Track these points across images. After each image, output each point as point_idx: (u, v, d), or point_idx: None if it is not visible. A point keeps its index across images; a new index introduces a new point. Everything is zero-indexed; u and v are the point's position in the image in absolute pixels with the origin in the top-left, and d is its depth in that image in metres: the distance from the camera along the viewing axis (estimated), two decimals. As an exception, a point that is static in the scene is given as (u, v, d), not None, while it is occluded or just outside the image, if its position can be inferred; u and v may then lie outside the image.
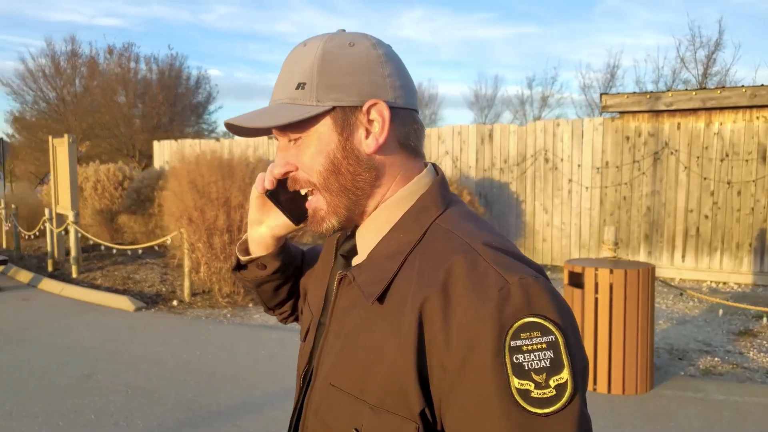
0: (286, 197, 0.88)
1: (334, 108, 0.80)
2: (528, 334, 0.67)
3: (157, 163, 14.70)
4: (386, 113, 0.79)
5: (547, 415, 0.65)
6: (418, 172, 0.85)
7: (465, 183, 9.22)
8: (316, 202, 0.84)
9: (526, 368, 0.66)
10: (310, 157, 0.82)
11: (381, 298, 0.77)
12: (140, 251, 9.35)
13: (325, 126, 0.80)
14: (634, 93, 8.18)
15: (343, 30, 0.86)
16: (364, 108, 0.80)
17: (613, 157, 8.39)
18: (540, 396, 0.66)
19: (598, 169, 8.49)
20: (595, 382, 4.22)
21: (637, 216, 8.27)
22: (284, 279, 1.07)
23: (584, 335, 4.23)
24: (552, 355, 0.66)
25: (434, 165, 0.89)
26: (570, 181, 8.75)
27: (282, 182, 0.88)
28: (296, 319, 1.17)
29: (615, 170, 8.38)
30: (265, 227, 0.98)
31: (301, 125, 0.81)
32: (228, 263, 6.85)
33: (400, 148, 0.83)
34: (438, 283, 0.72)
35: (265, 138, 11.72)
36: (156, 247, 9.20)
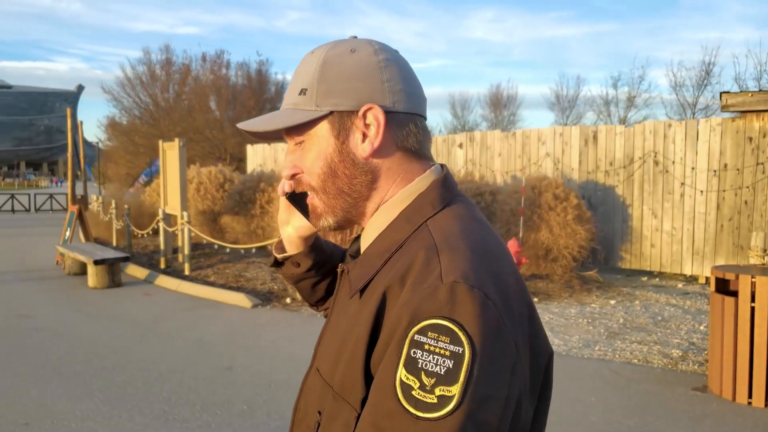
0: (305, 199, 0.90)
1: (331, 112, 0.82)
2: (436, 335, 0.65)
3: (251, 166, 15.18)
4: (381, 117, 0.81)
5: (416, 417, 0.64)
6: (421, 174, 0.85)
7: (568, 186, 9.02)
8: (312, 200, 0.88)
9: (419, 365, 0.65)
10: (310, 161, 0.85)
11: (362, 292, 0.80)
12: (243, 251, 9.67)
13: (324, 130, 0.83)
14: (759, 91, 7.75)
15: (355, 37, 0.88)
16: (360, 112, 0.81)
17: (733, 159, 7.98)
18: (419, 397, 0.64)
19: (715, 171, 8.10)
20: (750, 395, 4.01)
21: (760, 222, 7.83)
22: (321, 276, 1.10)
23: (738, 345, 4.03)
24: (450, 366, 0.64)
25: (442, 165, 0.89)
26: (682, 184, 8.39)
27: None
28: None
29: (735, 173, 7.96)
30: (291, 228, 1.03)
31: (302, 129, 0.85)
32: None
33: (399, 151, 0.84)
34: (399, 273, 0.74)
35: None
36: (267, 247, 9.47)
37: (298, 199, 0.91)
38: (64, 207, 26.70)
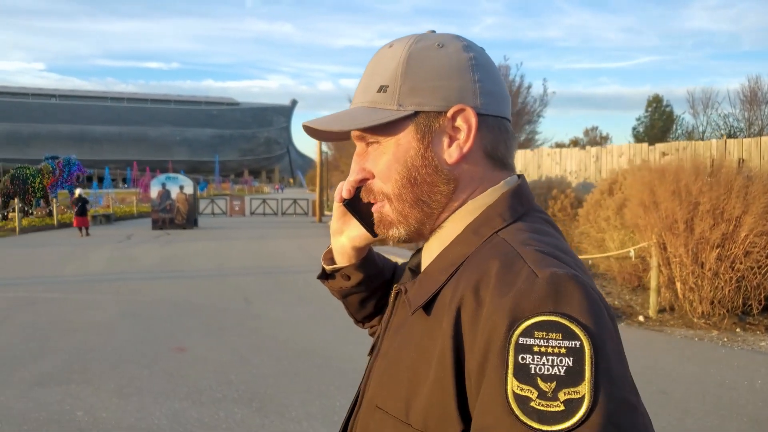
0: (365, 207, 0.83)
1: (416, 113, 0.74)
2: (544, 333, 0.55)
3: (512, 172, 14.92)
4: (473, 120, 0.73)
5: None
6: (495, 184, 0.76)
7: None
8: (381, 208, 0.79)
9: (532, 371, 0.55)
10: (386, 165, 0.76)
11: (427, 310, 0.71)
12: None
13: (406, 132, 0.75)
14: None
15: (433, 31, 0.80)
16: (449, 114, 0.74)
17: None
18: (541, 408, 0.53)
19: None
20: None
21: None
22: (370, 292, 1.01)
23: None
24: (570, 364, 0.54)
25: (519, 175, 0.80)
26: None
27: (360, 192, 0.84)
28: None
29: None
30: (345, 237, 0.92)
31: (380, 130, 0.75)
32: (717, 280, 6.23)
33: (485, 158, 0.76)
34: (471, 285, 0.65)
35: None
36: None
37: (356, 207, 0.84)
38: (306, 211, 29.11)
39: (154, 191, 20.36)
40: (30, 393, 4.45)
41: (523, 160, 14.31)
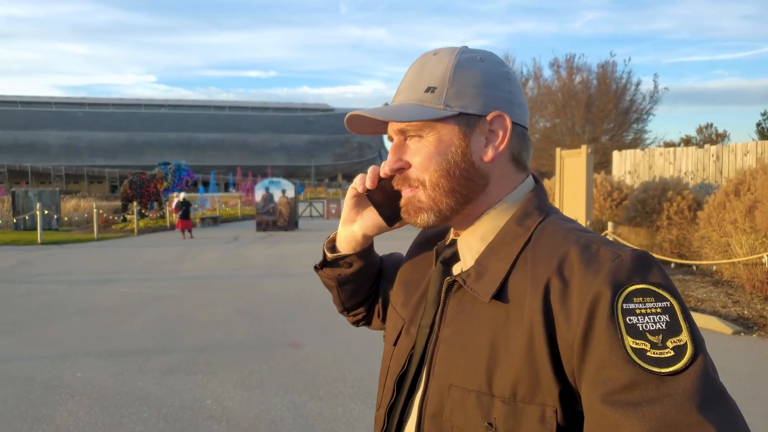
0: (383, 198, 0.92)
1: (460, 114, 0.83)
2: (641, 299, 0.68)
3: (617, 172, 14.29)
4: (509, 126, 0.84)
5: (666, 374, 0.64)
6: (520, 183, 0.88)
7: None
8: (415, 192, 0.87)
9: (641, 329, 0.66)
10: (427, 157, 0.84)
11: (499, 297, 0.79)
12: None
13: (449, 129, 0.83)
14: None
15: (466, 47, 0.88)
16: (489, 118, 0.84)
17: None
18: (657, 356, 0.65)
19: None
20: None
21: None
22: (364, 280, 1.11)
23: None
24: (668, 319, 0.67)
25: (533, 175, 0.91)
26: None
27: (380, 184, 0.92)
28: (368, 324, 1.21)
29: None
30: (357, 226, 1.01)
31: (426, 125, 0.84)
32: None
33: (511, 161, 0.87)
34: (553, 268, 0.75)
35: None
36: (694, 267, 8.49)
37: (374, 198, 0.93)
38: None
39: (258, 195, 21.24)
40: (163, 381, 4.75)
41: (632, 161, 13.67)
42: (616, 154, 14.55)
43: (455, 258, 0.91)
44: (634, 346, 0.66)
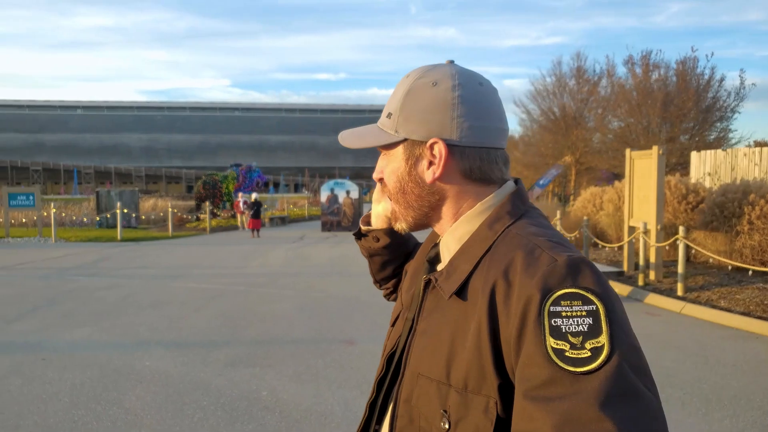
0: None
1: (406, 139, 0.92)
2: (569, 302, 0.72)
3: (695, 174, 13.68)
4: (444, 152, 0.89)
5: (580, 373, 0.68)
6: (490, 193, 0.93)
7: None
8: (392, 204, 1.00)
9: (563, 330, 0.71)
10: (388, 174, 0.97)
11: (460, 295, 0.86)
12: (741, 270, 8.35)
13: (399, 152, 0.93)
14: None
15: (452, 62, 0.95)
16: (428, 144, 0.90)
17: None
18: (575, 356, 0.69)
19: None
20: None
21: None
22: (392, 257, 1.23)
23: None
24: (591, 322, 0.71)
25: (516, 180, 0.97)
26: None
27: None
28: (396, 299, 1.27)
29: None
30: (381, 207, 1.14)
31: (384, 147, 0.96)
32: None
33: (464, 178, 0.91)
34: (500, 271, 0.81)
35: None
36: None
37: None
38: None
39: (324, 196, 21.68)
40: (224, 372, 4.99)
41: (712, 162, 13.04)
42: (694, 155, 13.92)
43: (438, 258, 0.98)
44: (554, 346, 0.71)
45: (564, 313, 0.72)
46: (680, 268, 8.10)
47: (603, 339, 0.70)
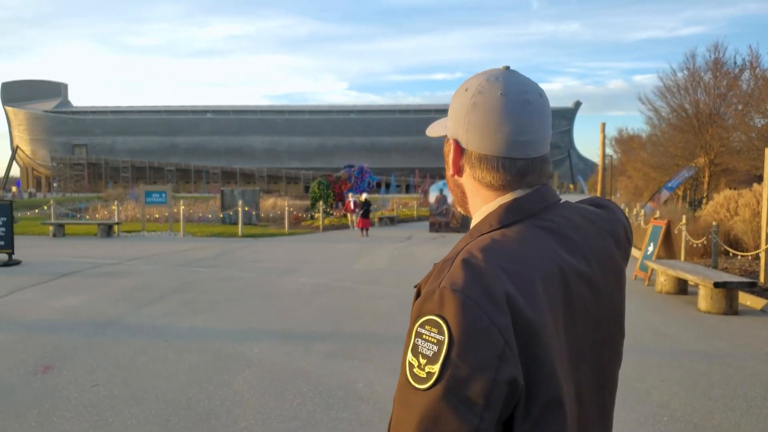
0: None
1: (446, 136, 1.04)
2: (430, 327, 0.82)
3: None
4: (454, 150, 0.99)
5: (415, 388, 0.81)
6: (496, 197, 0.98)
7: None
8: None
9: (419, 350, 0.82)
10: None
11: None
12: None
13: (447, 145, 1.03)
14: None
15: (508, 67, 0.99)
16: (450, 141, 1.01)
17: None
18: (417, 373, 0.81)
19: None
20: None
21: None
22: None
23: None
24: (435, 350, 0.80)
25: (535, 190, 0.98)
26: None
27: None
28: None
29: None
30: None
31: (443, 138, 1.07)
32: None
33: (474, 180, 0.99)
34: (427, 281, 0.91)
35: None
36: None
37: None
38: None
39: (432, 196, 21.77)
40: (324, 362, 5.21)
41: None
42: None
43: None
44: (410, 360, 0.83)
45: (424, 336, 0.82)
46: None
47: (435, 368, 0.80)
